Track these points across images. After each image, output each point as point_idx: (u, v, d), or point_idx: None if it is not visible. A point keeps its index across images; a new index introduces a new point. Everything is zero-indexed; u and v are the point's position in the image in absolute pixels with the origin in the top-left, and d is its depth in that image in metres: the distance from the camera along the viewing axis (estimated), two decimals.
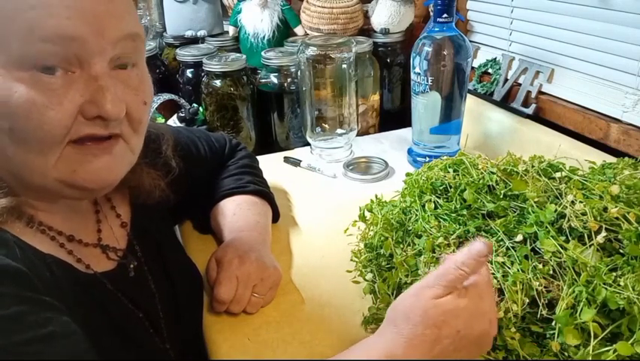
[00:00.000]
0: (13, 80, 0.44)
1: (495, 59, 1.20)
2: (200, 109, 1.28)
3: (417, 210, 0.73)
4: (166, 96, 1.27)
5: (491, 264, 0.60)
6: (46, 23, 0.43)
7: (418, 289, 0.51)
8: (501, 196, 0.67)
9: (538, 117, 1.07)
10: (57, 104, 0.46)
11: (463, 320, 0.49)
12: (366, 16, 1.37)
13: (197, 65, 1.30)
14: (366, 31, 1.38)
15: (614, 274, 0.54)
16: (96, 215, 0.62)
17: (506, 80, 1.15)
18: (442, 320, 0.49)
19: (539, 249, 0.59)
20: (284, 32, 1.37)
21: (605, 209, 0.59)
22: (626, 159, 0.74)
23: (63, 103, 0.46)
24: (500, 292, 0.57)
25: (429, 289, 0.50)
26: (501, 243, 0.62)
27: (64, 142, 0.48)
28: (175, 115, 1.28)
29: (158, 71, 1.37)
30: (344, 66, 1.11)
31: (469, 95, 1.13)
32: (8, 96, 0.44)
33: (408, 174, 0.82)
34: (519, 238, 0.61)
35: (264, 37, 1.32)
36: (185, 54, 1.31)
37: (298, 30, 1.38)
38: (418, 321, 0.49)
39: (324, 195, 1.03)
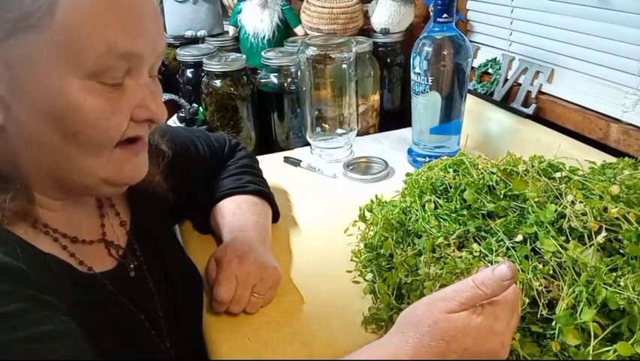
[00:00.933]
0: (84, 89, 0.47)
1: (495, 59, 1.20)
2: (200, 109, 1.28)
3: (417, 211, 0.73)
4: (166, 96, 1.27)
5: (491, 264, 0.60)
6: (122, 42, 0.47)
7: (432, 300, 0.50)
8: (501, 196, 0.67)
9: (538, 117, 1.07)
10: (118, 111, 0.50)
11: (473, 338, 0.48)
12: (366, 16, 1.37)
13: (197, 65, 1.30)
14: (366, 31, 1.38)
15: (614, 274, 0.54)
16: (99, 210, 0.64)
17: (506, 80, 1.15)
18: (452, 335, 0.48)
19: (539, 249, 0.59)
20: (284, 32, 1.37)
21: (605, 209, 0.59)
22: (626, 159, 0.74)
23: (123, 110, 0.51)
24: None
25: (443, 302, 0.49)
26: (501, 243, 0.62)
27: (114, 145, 0.52)
28: (175, 115, 1.28)
29: (158, 71, 1.36)
30: (344, 66, 1.11)
31: (469, 95, 1.13)
32: (80, 104, 0.47)
33: (408, 174, 0.82)
34: (519, 238, 0.61)
35: (264, 37, 1.32)
36: (185, 54, 1.31)
37: (298, 30, 1.38)
38: (426, 331, 0.48)
39: (324, 195, 1.03)
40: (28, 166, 0.51)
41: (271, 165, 1.09)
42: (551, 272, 0.57)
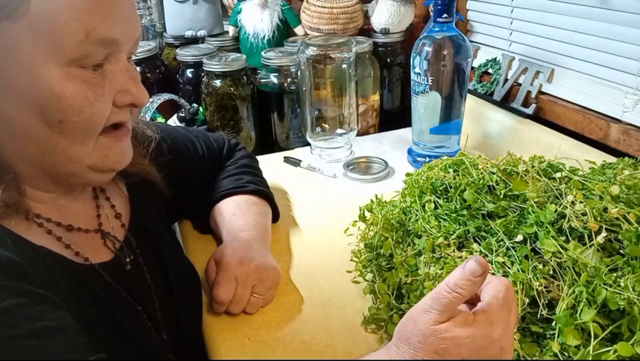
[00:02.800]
0: (66, 76, 0.48)
1: (495, 59, 1.20)
2: (200, 109, 1.28)
3: (417, 211, 0.73)
4: (166, 96, 1.27)
5: (492, 264, 0.60)
6: (100, 28, 0.48)
7: (415, 312, 0.48)
8: (501, 196, 0.67)
9: (538, 117, 1.07)
10: (101, 96, 0.51)
11: (468, 349, 0.46)
12: (366, 16, 1.37)
13: (197, 65, 1.30)
14: (366, 31, 1.38)
15: (615, 274, 0.54)
16: (95, 200, 0.64)
17: (506, 80, 1.15)
18: (443, 347, 0.46)
19: (539, 249, 0.59)
20: (284, 32, 1.37)
21: (605, 209, 0.59)
22: (626, 159, 0.74)
23: (105, 95, 0.51)
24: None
25: (425, 314, 0.47)
26: (501, 243, 0.62)
27: (99, 131, 0.52)
28: (175, 115, 1.28)
29: (158, 71, 1.37)
30: (344, 66, 1.11)
31: (469, 95, 1.13)
32: (63, 91, 0.48)
33: (408, 174, 0.82)
34: (519, 238, 0.61)
35: (264, 37, 1.32)
36: (185, 54, 1.31)
37: (298, 30, 1.38)
38: (418, 347, 0.46)
39: (324, 195, 1.03)
40: (15, 158, 0.51)
41: (271, 165, 1.09)
42: (551, 272, 0.57)
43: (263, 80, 1.26)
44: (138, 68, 1.28)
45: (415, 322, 0.47)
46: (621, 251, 0.57)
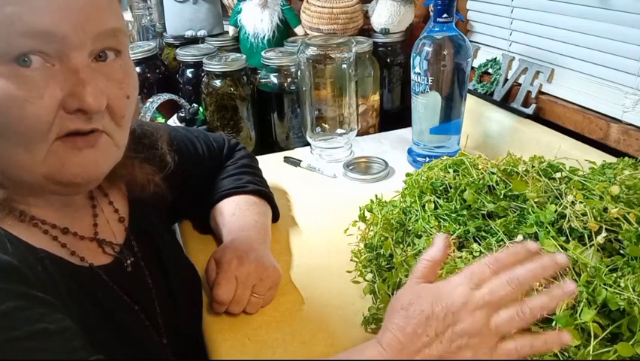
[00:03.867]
0: None
1: (495, 59, 1.20)
2: (200, 109, 1.28)
3: (417, 211, 0.73)
4: (166, 96, 1.27)
5: None
6: (27, 18, 0.43)
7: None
8: (501, 196, 0.67)
9: (538, 117, 1.07)
10: (37, 98, 0.45)
11: (427, 301, 0.48)
12: (366, 16, 1.37)
13: (197, 65, 1.30)
14: (366, 31, 1.38)
15: (615, 274, 0.54)
16: (93, 209, 0.62)
17: (506, 80, 1.15)
18: (407, 301, 0.49)
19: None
20: (284, 32, 1.37)
21: (605, 209, 0.59)
22: (626, 159, 0.74)
23: (44, 97, 0.46)
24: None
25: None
26: (501, 243, 0.62)
27: (50, 138, 0.47)
28: (175, 115, 1.28)
29: (158, 71, 1.37)
30: (344, 66, 1.11)
31: (469, 95, 1.13)
32: None
33: (408, 174, 0.82)
34: (519, 238, 0.61)
35: (264, 37, 1.32)
36: (185, 54, 1.31)
37: (298, 30, 1.38)
38: (394, 324, 0.49)
39: (324, 195, 1.03)
40: None
41: (271, 165, 1.09)
42: None
43: (263, 80, 1.26)
44: (138, 69, 1.28)
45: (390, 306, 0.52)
46: (621, 251, 0.57)
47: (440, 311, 0.47)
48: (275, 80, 1.24)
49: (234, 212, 0.82)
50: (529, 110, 1.07)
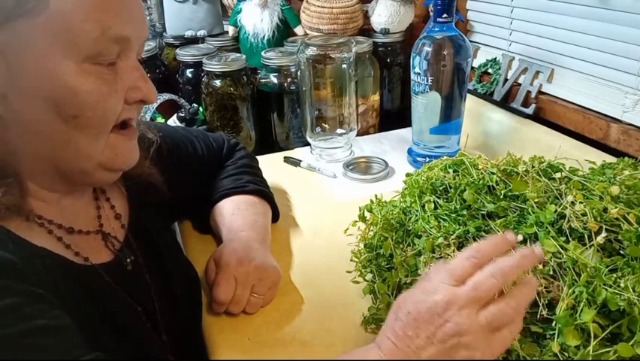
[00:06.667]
0: (81, 73, 0.49)
1: (495, 59, 1.20)
2: (200, 109, 1.28)
3: (417, 211, 0.73)
4: (166, 96, 1.27)
5: None
6: (115, 26, 0.50)
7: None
8: (501, 197, 0.67)
9: (538, 117, 1.07)
10: (114, 92, 0.52)
11: (411, 302, 0.49)
12: (366, 16, 1.37)
13: (197, 65, 1.30)
14: (366, 31, 1.38)
15: (615, 275, 0.54)
16: (96, 202, 0.64)
17: (506, 80, 1.15)
18: (397, 305, 0.50)
19: None
20: (284, 32, 1.37)
21: (605, 210, 0.59)
22: (626, 159, 0.74)
23: (118, 91, 0.53)
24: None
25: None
26: None
27: (110, 128, 0.54)
28: (175, 115, 1.28)
29: (158, 71, 1.37)
30: (344, 66, 1.11)
31: (469, 95, 1.13)
32: (78, 87, 0.49)
33: (408, 174, 0.82)
34: (519, 238, 0.61)
35: (263, 37, 1.32)
36: (185, 54, 1.31)
37: (298, 30, 1.38)
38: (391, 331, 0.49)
39: (324, 195, 1.03)
40: (24, 157, 0.52)
41: (271, 165, 1.09)
42: (551, 273, 0.57)
43: (263, 80, 1.26)
44: None
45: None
46: (621, 251, 0.57)
47: (425, 313, 0.47)
48: (275, 80, 1.24)
49: (234, 212, 0.82)
50: (529, 110, 1.07)
